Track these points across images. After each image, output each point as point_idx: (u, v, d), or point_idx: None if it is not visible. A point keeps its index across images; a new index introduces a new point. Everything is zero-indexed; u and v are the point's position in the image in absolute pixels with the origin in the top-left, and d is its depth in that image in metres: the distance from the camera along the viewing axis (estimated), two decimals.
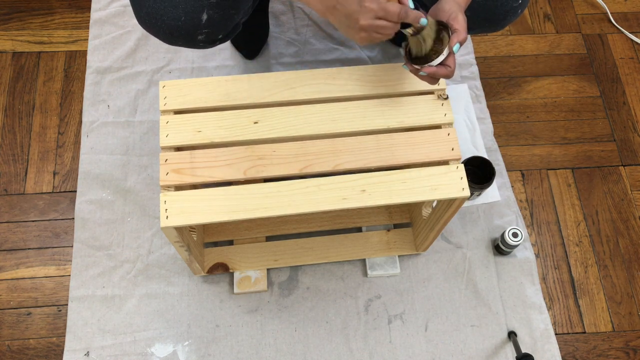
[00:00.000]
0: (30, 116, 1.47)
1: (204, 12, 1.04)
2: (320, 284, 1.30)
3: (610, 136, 1.52)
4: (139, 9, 1.06)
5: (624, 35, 1.66)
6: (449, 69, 0.94)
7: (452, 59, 0.94)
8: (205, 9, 1.04)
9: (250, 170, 0.98)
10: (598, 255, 1.38)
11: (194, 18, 1.04)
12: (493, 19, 1.13)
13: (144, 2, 1.04)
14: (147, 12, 1.05)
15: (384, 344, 1.25)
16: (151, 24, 1.06)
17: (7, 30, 1.58)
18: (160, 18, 1.04)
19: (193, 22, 1.04)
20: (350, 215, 1.34)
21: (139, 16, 1.07)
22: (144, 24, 1.07)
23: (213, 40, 1.11)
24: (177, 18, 1.03)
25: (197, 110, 1.02)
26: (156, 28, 1.06)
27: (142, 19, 1.07)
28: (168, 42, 1.10)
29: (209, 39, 1.10)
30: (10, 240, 1.34)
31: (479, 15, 1.12)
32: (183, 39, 1.08)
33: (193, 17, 1.04)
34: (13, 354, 1.24)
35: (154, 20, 1.05)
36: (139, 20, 1.08)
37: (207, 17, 1.05)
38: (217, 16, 1.06)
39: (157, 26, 1.06)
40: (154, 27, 1.06)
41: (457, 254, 1.34)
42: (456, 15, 0.94)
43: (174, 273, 1.30)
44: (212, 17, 1.05)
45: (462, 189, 0.98)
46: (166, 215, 0.94)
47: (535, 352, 1.25)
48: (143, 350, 1.23)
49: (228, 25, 1.11)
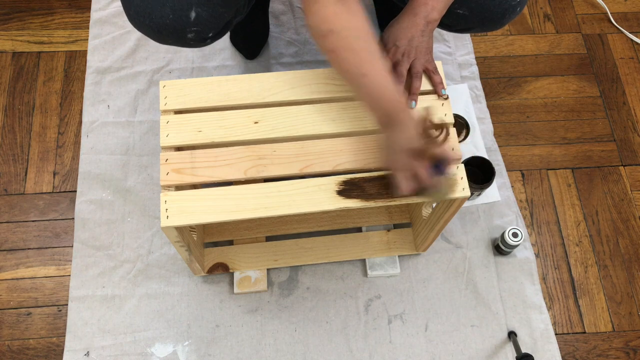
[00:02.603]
0: (30, 116, 1.47)
1: (192, 9, 1.04)
2: (320, 284, 1.30)
3: (610, 136, 1.52)
4: (128, 7, 1.06)
5: (624, 35, 1.66)
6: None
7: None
8: (193, 6, 1.04)
9: (251, 170, 0.98)
10: (598, 255, 1.38)
11: (182, 16, 1.04)
12: (492, 17, 1.13)
13: (132, 0, 1.04)
14: (136, 11, 1.05)
15: (384, 344, 1.25)
16: (140, 22, 1.06)
17: (7, 30, 1.58)
18: (149, 16, 1.04)
19: (181, 20, 1.04)
20: (350, 215, 1.34)
21: (129, 14, 1.07)
22: (133, 22, 1.07)
23: (203, 39, 1.11)
24: (165, 16, 1.03)
25: (197, 110, 1.02)
26: (145, 26, 1.06)
27: (131, 17, 1.07)
28: (158, 40, 1.10)
29: (198, 37, 1.09)
30: (10, 240, 1.34)
31: (478, 14, 1.12)
32: (172, 37, 1.08)
33: (181, 14, 1.04)
34: (13, 354, 1.24)
35: (142, 19, 1.05)
36: (128, 18, 1.08)
37: (196, 15, 1.05)
38: (205, 14, 1.05)
39: (146, 24, 1.06)
40: (143, 26, 1.06)
41: (457, 254, 1.34)
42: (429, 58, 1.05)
43: (174, 273, 1.30)
44: (201, 15, 1.05)
45: (462, 189, 0.98)
46: (166, 215, 0.94)
47: (535, 352, 1.25)
48: (143, 350, 1.23)
49: (218, 24, 1.10)
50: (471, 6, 1.11)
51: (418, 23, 1.01)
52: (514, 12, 1.13)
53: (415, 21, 1.01)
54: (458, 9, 1.11)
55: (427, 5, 1.01)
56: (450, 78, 1.54)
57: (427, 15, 1.01)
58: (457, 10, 1.11)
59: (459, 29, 1.19)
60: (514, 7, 1.12)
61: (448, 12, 1.07)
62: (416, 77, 1.03)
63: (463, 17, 1.13)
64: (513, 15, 1.14)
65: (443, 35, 1.61)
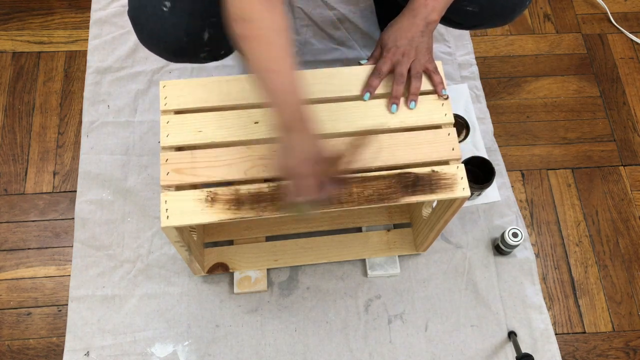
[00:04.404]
0: (30, 116, 1.47)
1: (205, 31, 1.04)
2: (320, 284, 1.30)
3: (610, 136, 1.52)
4: (140, 31, 1.05)
5: (624, 35, 1.66)
6: None
7: None
8: (206, 28, 1.03)
9: (251, 170, 0.98)
10: (598, 255, 1.38)
11: (196, 38, 1.04)
12: (502, 13, 1.13)
13: (145, 24, 1.03)
14: (149, 35, 1.04)
15: (384, 344, 1.25)
16: (153, 45, 1.06)
17: (7, 30, 1.58)
18: (162, 40, 1.03)
19: (195, 42, 1.04)
20: (350, 215, 1.34)
21: (141, 38, 1.06)
22: (147, 45, 1.07)
23: (215, 57, 1.11)
24: (179, 39, 1.03)
25: (197, 110, 1.02)
26: (158, 49, 1.06)
27: (144, 40, 1.06)
28: (170, 60, 1.10)
29: (211, 56, 1.10)
30: (10, 240, 1.34)
31: (488, 10, 1.12)
32: (186, 58, 1.08)
33: (195, 37, 1.04)
34: (13, 354, 1.24)
35: (156, 42, 1.05)
36: (140, 40, 1.07)
37: (209, 36, 1.04)
38: (218, 34, 1.05)
39: (160, 47, 1.05)
40: (157, 48, 1.06)
41: (457, 254, 1.34)
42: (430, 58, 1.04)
43: (174, 273, 1.30)
44: (214, 36, 1.05)
45: (462, 189, 0.98)
46: (167, 215, 0.94)
47: (535, 352, 1.25)
48: (143, 350, 1.23)
49: (230, 42, 1.11)
50: (481, 3, 1.11)
51: (418, 24, 1.01)
52: (523, 6, 1.13)
53: (415, 22, 1.01)
54: (468, 6, 1.11)
55: (427, 6, 1.01)
56: (450, 78, 1.54)
57: (427, 16, 1.01)
58: (467, 8, 1.11)
59: (468, 26, 1.19)
60: (524, 2, 1.12)
61: (458, 9, 1.07)
62: (416, 77, 1.03)
63: (473, 14, 1.13)
64: (523, 9, 1.14)
65: (443, 35, 1.61)
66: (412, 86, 1.03)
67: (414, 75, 1.03)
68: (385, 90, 1.04)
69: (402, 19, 1.04)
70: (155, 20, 1.02)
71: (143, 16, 1.03)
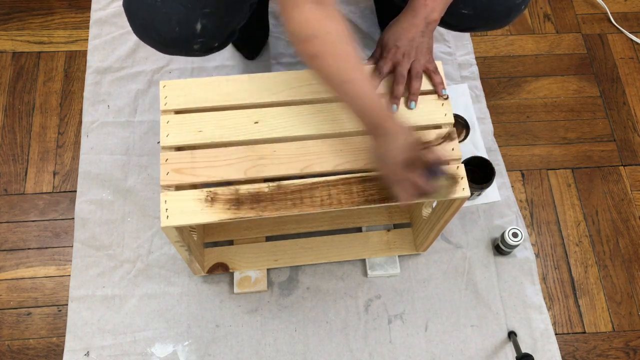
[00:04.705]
0: (30, 116, 1.47)
1: (198, 22, 1.04)
2: (320, 284, 1.30)
3: (610, 136, 1.52)
4: (133, 21, 1.05)
5: (624, 35, 1.66)
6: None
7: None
8: (199, 18, 1.04)
9: (251, 170, 0.98)
10: (598, 255, 1.38)
11: (189, 28, 1.04)
12: (497, 17, 1.13)
13: (138, 14, 1.04)
14: (141, 24, 1.05)
15: (384, 344, 1.25)
16: (146, 36, 1.06)
17: (7, 30, 1.58)
18: (155, 30, 1.04)
19: (187, 33, 1.04)
20: (350, 215, 1.34)
21: (134, 27, 1.07)
22: (139, 35, 1.07)
23: (209, 49, 1.11)
24: (172, 29, 1.03)
25: (197, 110, 1.02)
26: (151, 39, 1.06)
27: (137, 30, 1.07)
28: (163, 51, 1.10)
29: (204, 48, 1.10)
30: (10, 240, 1.34)
31: (483, 13, 1.12)
32: (178, 49, 1.08)
33: (187, 27, 1.04)
34: (13, 354, 1.24)
35: (149, 32, 1.05)
36: (134, 30, 1.07)
37: (202, 27, 1.04)
38: (211, 25, 1.05)
39: (152, 37, 1.06)
40: (149, 38, 1.06)
41: (457, 254, 1.34)
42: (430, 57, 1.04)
43: (174, 273, 1.30)
44: (207, 27, 1.05)
45: (462, 189, 0.98)
46: (166, 215, 0.94)
47: (535, 352, 1.25)
48: (143, 350, 1.23)
49: (223, 34, 1.11)
50: (476, 6, 1.11)
51: (418, 24, 1.01)
52: (518, 11, 1.13)
53: (415, 22, 1.01)
54: (463, 9, 1.11)
55: (427, 6, 1.01)
56: (450, 78, 1.54)
57: (427, 16, 1.01)
58: (462, 10, 1.11)
59: (463, 28, 1.19)
60: (519, 6, 1.12)
61: (453, 12, 1.07)
62: (416, 77, 1.03)
63: (468, 17, 1.13)
64: (518, 13, 1.14)
65: (443, 35, 1.61)
66: (412, 86, 1.03)
67: (414, 76, 1.03)
68: (385, 90, 1.04)
69: (402, 19, 1.04)
70: (148, 10, 1.02)
71: (136, 6, 1.04)
